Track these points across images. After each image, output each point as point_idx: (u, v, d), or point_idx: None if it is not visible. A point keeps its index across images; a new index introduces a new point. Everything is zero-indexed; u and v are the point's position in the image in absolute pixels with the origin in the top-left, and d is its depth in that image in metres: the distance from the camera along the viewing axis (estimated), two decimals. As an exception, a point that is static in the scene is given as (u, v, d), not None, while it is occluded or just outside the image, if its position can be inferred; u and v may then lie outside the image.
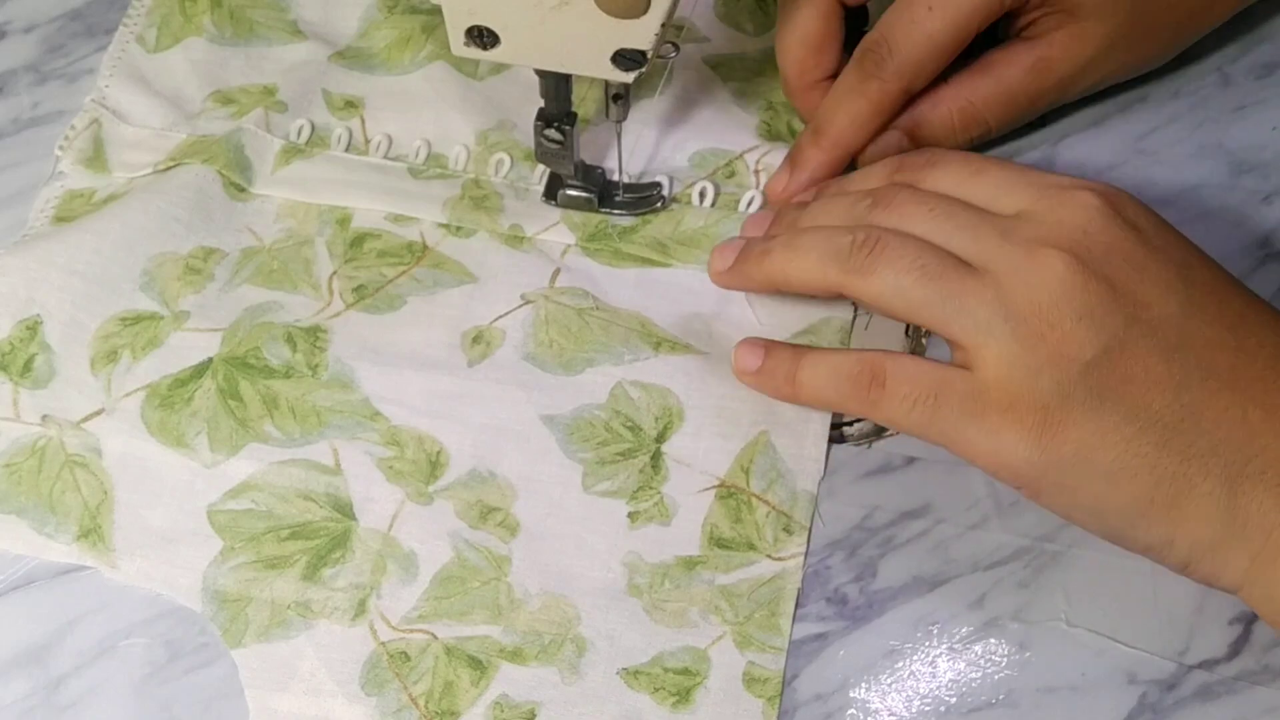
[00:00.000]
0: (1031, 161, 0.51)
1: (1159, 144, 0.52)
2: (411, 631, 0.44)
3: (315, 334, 0.48)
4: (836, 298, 0.45)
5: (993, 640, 0.43)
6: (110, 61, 0.55)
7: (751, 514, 0.45)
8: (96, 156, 0.53)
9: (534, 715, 0.42)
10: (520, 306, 0.49)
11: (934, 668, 0.43)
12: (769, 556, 0.44)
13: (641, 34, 0.42)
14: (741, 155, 0.52)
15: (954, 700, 0.43)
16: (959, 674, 0.43)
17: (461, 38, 0.44)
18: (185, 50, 0.55)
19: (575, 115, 0.48)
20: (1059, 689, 0.43)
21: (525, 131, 0.52)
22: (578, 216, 0.51)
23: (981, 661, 0.43)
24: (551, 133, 0.48)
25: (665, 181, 0.51)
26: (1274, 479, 0.37)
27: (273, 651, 0.43)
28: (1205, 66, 0.53)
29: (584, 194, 0.51)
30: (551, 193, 0.51)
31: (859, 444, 0.47)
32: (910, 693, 0.43)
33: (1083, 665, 0.43)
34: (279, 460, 0.46)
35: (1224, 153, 0.51)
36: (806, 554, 0.45)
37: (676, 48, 0.46)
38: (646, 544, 0.45)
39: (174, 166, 0.52)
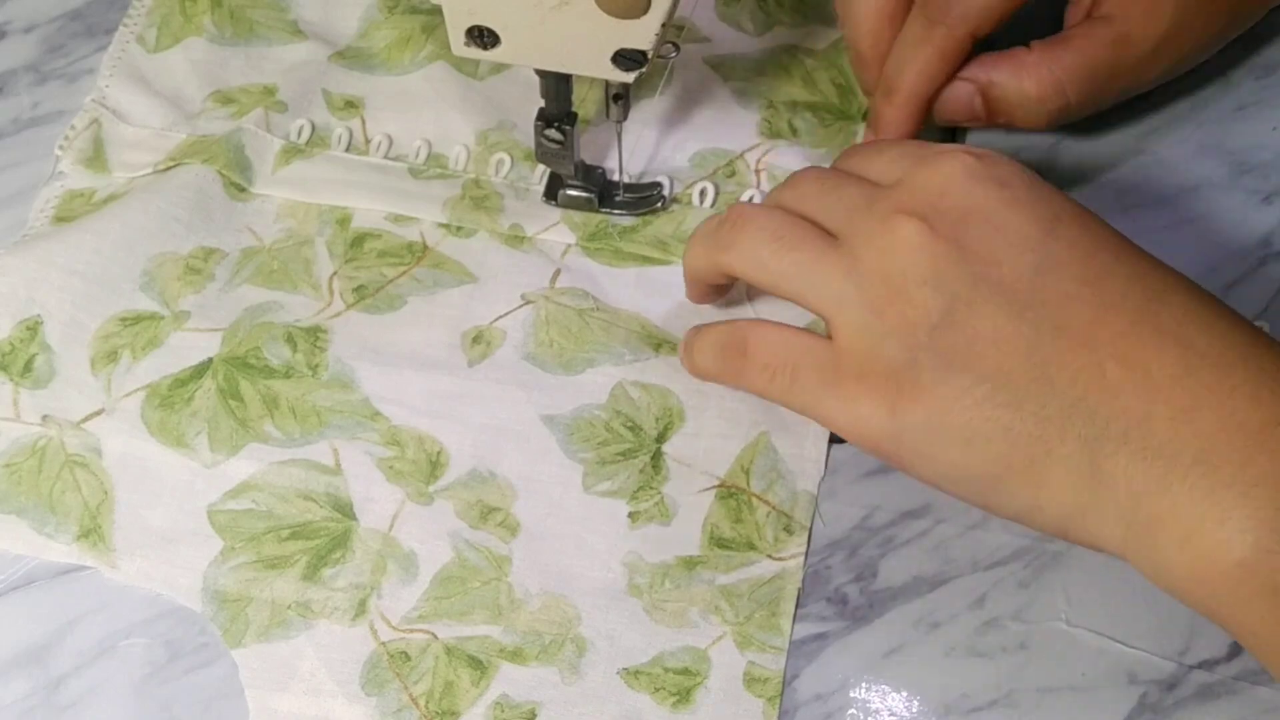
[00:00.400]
0: (1031, 161, 0.51)
1: (1159, 144, 0.52)
2: (412, 631, 0.44)
3: (315, 334, 0.48)
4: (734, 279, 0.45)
5: (993, 640, 0.43)
6: (110, 61, 0.55)
7: (752, 514, 0.45)
8: (96, 156, 0.53)
9: (534, 715, 0.42)
10: (520, 307, 0.49)
11: (934, 668, 0.43)
12: (769, 556, 0.44)
13: (641, 34, 0.42)
14: (742, 155, 0.52)
15: (954, 700, 0.43)
16: (959, 674, 0.43)
17: (462, 38, 0.44)
18: (185, 50, 0.55)
19: (575, 115, 0.48)
20: (1059, 689, 0.43)
21: (525, 131, 0.52)
22: (578, 216, 0.51)
23: (981, 661, 0.43)
24: (552, 133, 0.48)
25: (666, 182, 0.51)
26: (1139, 442, 0.35)
27: (273, 651, 0.43)
28: (1205, 67, 0.53)
29: (584, 194, 0.51)
30: (552, 193, 0.51)
31: (859, 444, 0.47)
32: (910, 693, 0.43)
33: (1083, 665, 0.43)
34: (279, 460, 0.46)
35: (1224, 153, 0.51)
36: (807, 554, 0.45)
37: (676, 48, 0.46)
38: (647, 544, 0.45)
39: (174, 166, 0.52)
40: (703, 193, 0.51)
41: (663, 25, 0.42)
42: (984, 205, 0.39)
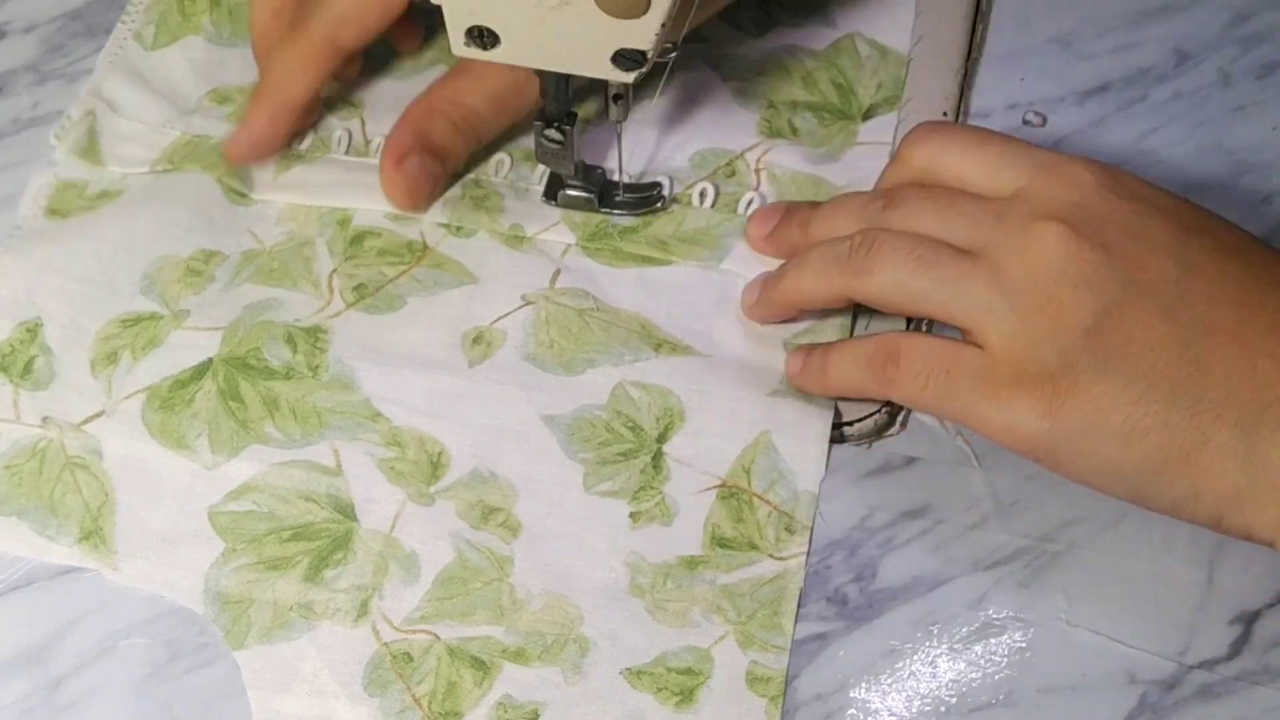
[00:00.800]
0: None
1: (1159, 144, 0.52)
2: (414, 632, 0.44)
3: (315, 334, 0.48)
4: (850, 305, 0.46)
5: (993, 640, 0.43)
6: (107, 57, 0.54)
7: (753, 514, 0.45)
8: (90, 147, 0.53)
9: (537, 715, 0.42)
10: (521, 307, 0.49)
11: (934, 668, 0.43)
12: (771, 556, 0.44)
13: (641, 34, 0.42)
14: (742, 154, 0.52)
15: (954, 700, 0.43)
16: (959, 674, 0.43)
17: (462, 38, 0.44)
18: (183, 49, 0.55)
19: (575, 115, 0.48)
20: (1059, 689, 0.43)
21: (524, 130, 0.52)
22: (578, 216, 0.51)
23: (981, 661, 0.43)
24: (552, 133, 0.48)
25: (666, 182, 0.51)
26: None
27: (275, 653, 0.43)
28: (1205, 66, 0.53)
29: (584, 194, 0.51)
30: (551, 193, 0.51)
31: (859, 444, 0.47)
32: (910, 693, 0.43)
33: (1083, 665, 0.43)
34: (280, 462, 0.46)
35: (1224, 153, 0.51)
36: (809, 553, 0.45)
37: (676, 47, 0.46)
38: (648, 544, 0.45)
39: (172, 170, 0.52)
40: (702, 193, 0.51)
41: (662, 25, 0.42)
42: (1118, 214, 0.40)
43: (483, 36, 0.44)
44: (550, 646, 0.43)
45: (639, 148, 0.52)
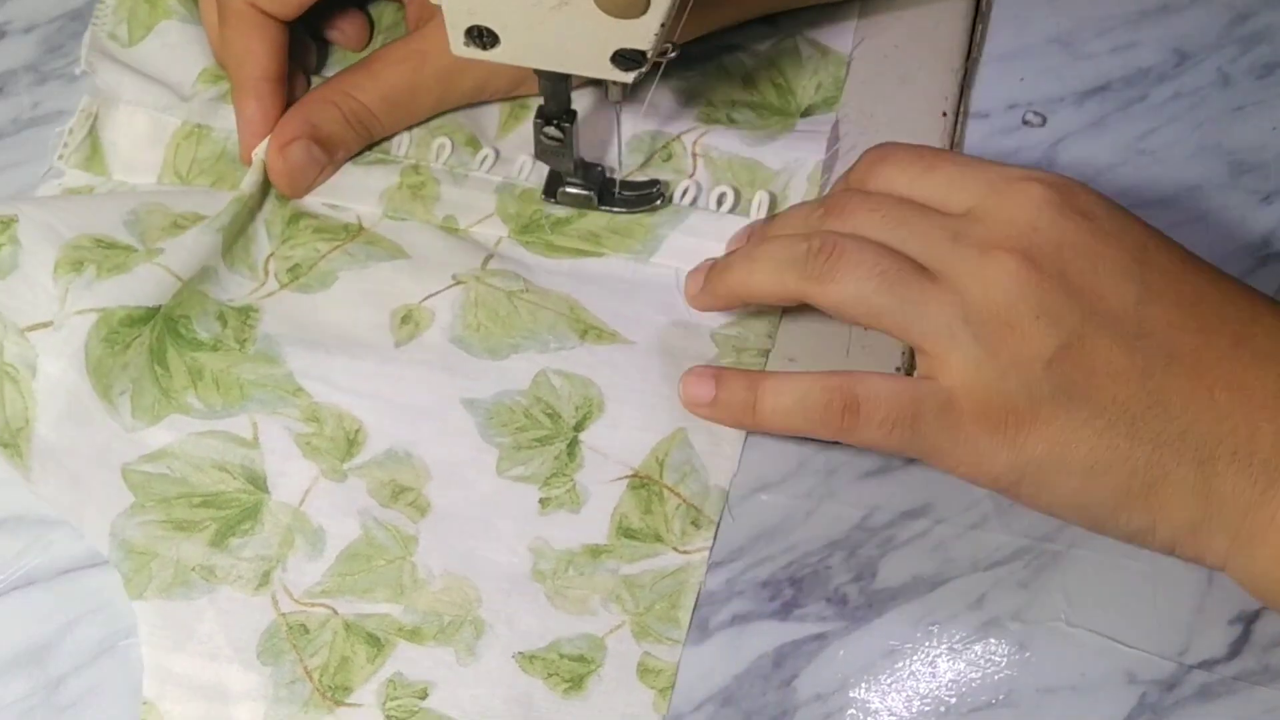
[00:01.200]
0: (1031, 162, 0.51)
1: (1159, 144, 0.52)
2: (313, 605, 0.44)
3: (247, 312, 0.48)
4: (799, 306, 0.45)
5: (993, 640, 0.43)
6: (89, 56, 0.54)
7: (662, 506, 0.45)
8: (94, 155, 0.52)
9: (426, 694, 0.42)
10: (451, 286, 0.49)
11: (934, 668, 0.43)
12: (675, 549, 0.45)
13: (641, 34, 0.42)
14: (679, 137, 0.52)
15: (954, 700, 0.43)
16: (959, 674, 0.43)
17: (461, 37, 0.44)
18: (160, 36, 0.54)
19: (575, 113, 0.48)
20: (1059, 689, 0.43)
21: (471, 115, 0.52)
22: (512, 208, 0.51)
23: (981, 661, 0.43)
24: (551, 130, 0.48)
25: (666, 180, 0.51)
26: (1245, 458, 0.38)
27: (173, 609, 0.43)
28: (1205, 66, 0.53)
29: (583, 192, 0.50)
30: (551, 190, 0.51)
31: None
32: (910, 693, 0.43)
33: (1083, 665, 0.43)
34: (198, 431, 0.46)
35: (1224, 153, 0.51)
36: (712, 549, 0.45)
37: (675, 47, 0.46)
38: (554, 530, 0.45)
39: (179, 183, 0.52)
40: (720, 197, 0.51)
41: (662, 25, 0.42)
42: (1075, 237, 0.40)
43: (482, 36, 0.44)
44: (446, 627, 0.43)
45: (583, 136, 0.50)
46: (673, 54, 0.45)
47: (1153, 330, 0.39)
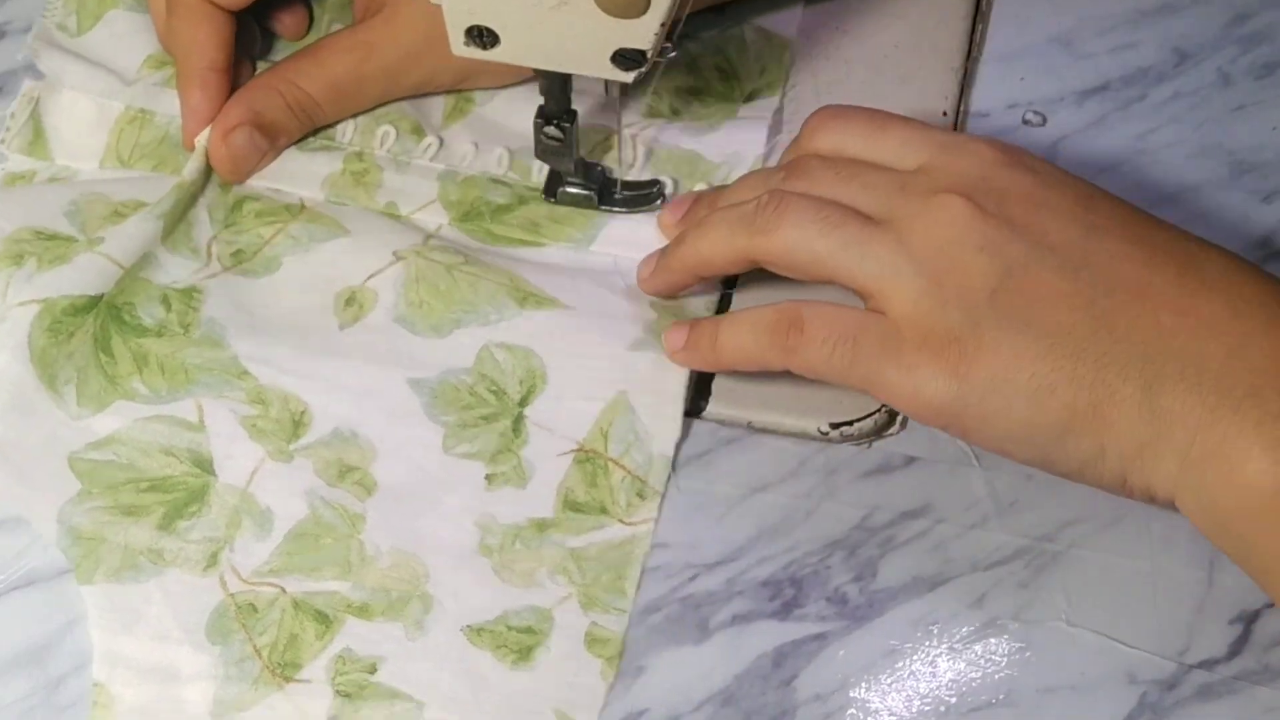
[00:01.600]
0: (1031, 161, 0.51)
1: (1159, 144, 0.52)
2: (261, 584, 0.44)
3: (190, 294, 0.48)
4: (752, 269, 0.45)
5: (993, 640, 0.43)
6: (35, 46, 0.54)
7: (607, 478, 0.46)
8: (36, 139, 0.52)
9: (375, 669, 0.43)
10: (392, 264, 0.49)
11: (934, 668, 0.43)
12: (621, 521, 0.45)
13: (641, 34, 0.42)
14: (621, 130, 0.52)
15: (954, 700, 0.43)
16: (959, 674, 0.43)
17: (461, 37, 0.44)
18: (108, 25, 0.54)
19: (575, 113, 0.48)
20: (1059, 689, 0.43)
21: (416, 104, 0.52)
22: (454, 194, 0.51)
23: (981, 661, 0.43)
24: (551, 130, 0.48)
25: (667, 181, 0.51)
26: (1194, 378, 0.38)
27: (122, 593, 0.44)
28: (1205, 66, 0.53)
29: (583, 191, 0.51)
30: (551, 190, 0.51)
31: (859, 444, 0.47)
32: (910, 693, 0.43)
33: (1083, 665, 0.43)
34: (144, 417, 0.46)
35: (1224, 153, 0.51)
36: (658, 519, 0.45)
37: (675, 47, 0.46)
38: (501, 505, 0.45)
39: (121, 168, 0.52)
40: None
41: (662, 25, 0.42)
42: (1021, 187, 0.41)
43: (482, 36, 0.44)
44: (394, 602, 0.44)
45: (527, 127, 0.50)
46: (673, 54, 0.45)
47: (1098, 261, 0.40)
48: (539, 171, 0.51)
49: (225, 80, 0.51)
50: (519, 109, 0.52)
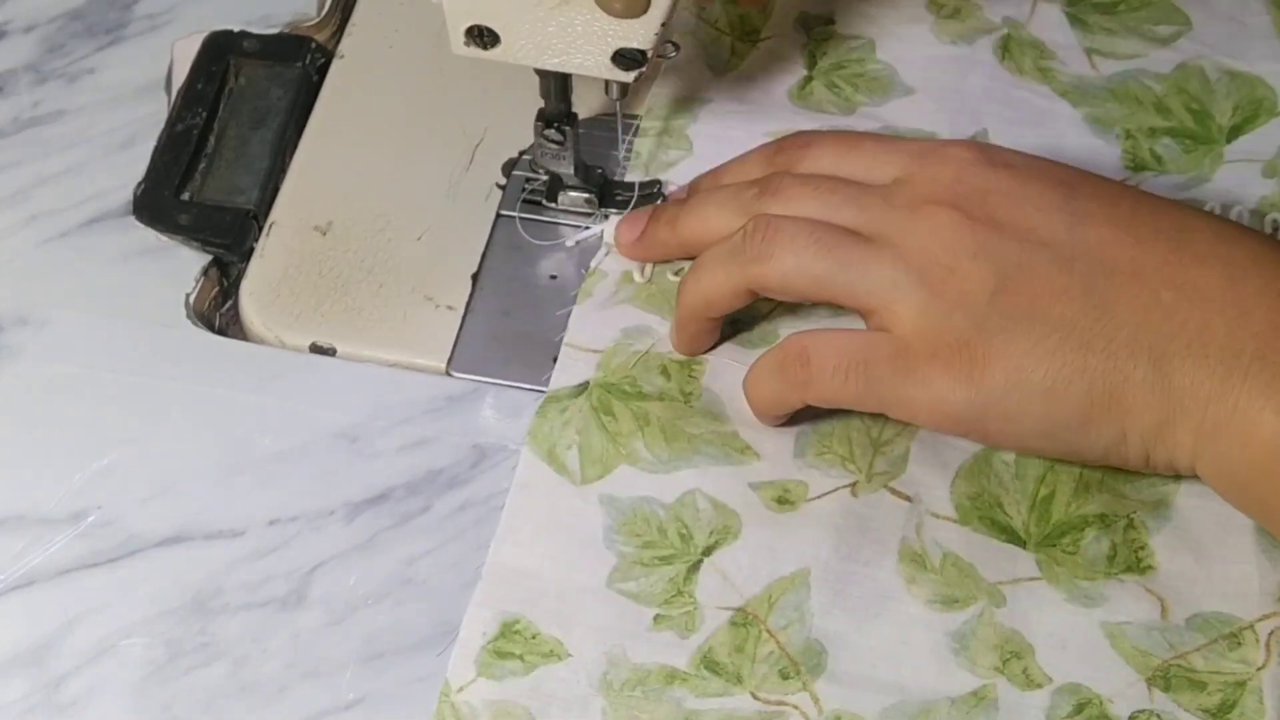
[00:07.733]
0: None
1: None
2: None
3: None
4: (752, 300, 0.44)
5: (993, 640, 0.43)
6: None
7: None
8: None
9: None
10: None
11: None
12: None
13: (642, 34, 0.42)
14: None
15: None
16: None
17: (462, 37, 0.44)
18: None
19: (575, 115, 0.48)
20: (1059, 689, 0.42)
21: None
22: None
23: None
24: (551, 133, 0.48)
25: (667, 180, 0.51)
26: (1199, 350, 0.38)
27: None
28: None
29: (584, 194, 0.51)
30: (552, 194, 0.51)
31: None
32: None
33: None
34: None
35: (1224, 153, 0.51)
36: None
37: (676, 47, 0.46)
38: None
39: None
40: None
41: (663, 25, 0.42)
42: (998, 184, 0.41)
43: (483, 36, 0.44)
44: None
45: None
46: (673, 54, 0.45)
47: (1088, 250, 0.40)
48: None
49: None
50: None
